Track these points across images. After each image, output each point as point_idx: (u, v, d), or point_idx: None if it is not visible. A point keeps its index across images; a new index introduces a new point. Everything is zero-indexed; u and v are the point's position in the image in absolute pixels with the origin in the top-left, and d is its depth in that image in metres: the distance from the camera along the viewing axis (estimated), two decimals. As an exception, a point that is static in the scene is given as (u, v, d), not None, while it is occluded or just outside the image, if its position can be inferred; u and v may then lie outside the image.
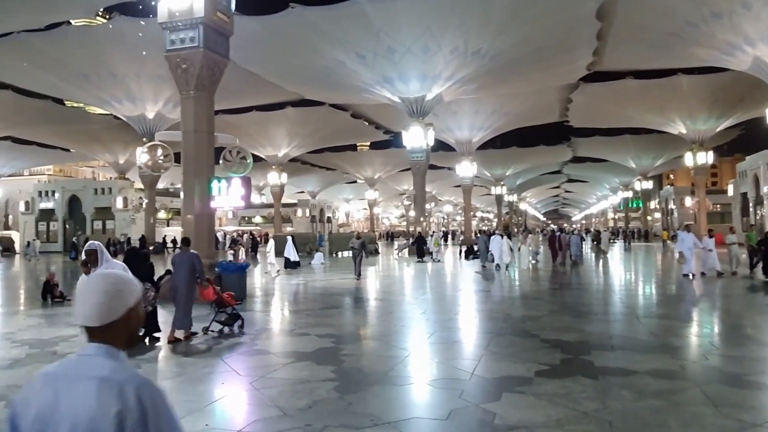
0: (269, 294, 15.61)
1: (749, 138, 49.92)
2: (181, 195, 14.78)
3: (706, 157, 42.09)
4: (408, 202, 67.57)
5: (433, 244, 29.67)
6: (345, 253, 35.06)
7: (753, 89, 30.83)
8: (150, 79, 32.67)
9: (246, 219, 71.20)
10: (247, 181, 13.81)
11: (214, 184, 13.72)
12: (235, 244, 31.48)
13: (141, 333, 8.48)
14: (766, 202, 39.12)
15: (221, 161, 14.93)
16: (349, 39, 27.54)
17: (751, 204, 42.65)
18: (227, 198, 13.72)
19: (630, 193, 76.10)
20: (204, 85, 14.17)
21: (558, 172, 76.27)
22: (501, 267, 21.57)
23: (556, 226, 69.27)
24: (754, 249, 18.35)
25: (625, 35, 27.13)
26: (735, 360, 7.33)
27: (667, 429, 4.97)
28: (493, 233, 24.83)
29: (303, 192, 76.44)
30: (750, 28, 22.86)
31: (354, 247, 19.74)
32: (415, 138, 34.20)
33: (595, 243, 32.75)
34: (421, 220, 37.85)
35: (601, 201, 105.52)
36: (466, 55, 28.51)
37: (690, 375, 6.69)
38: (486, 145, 50.43)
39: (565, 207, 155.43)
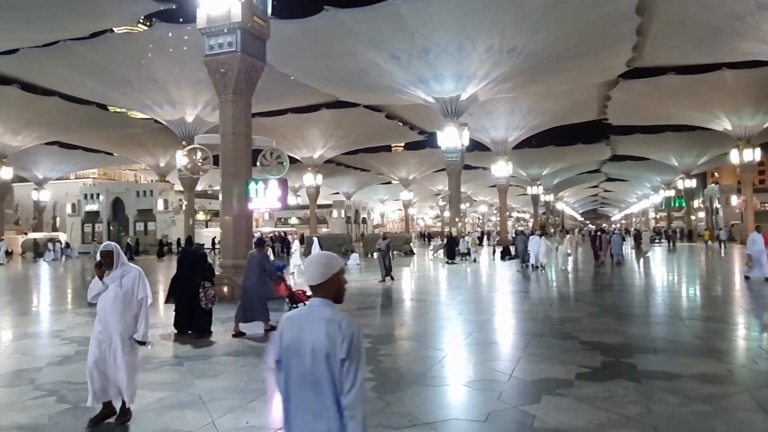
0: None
1: (799, 134, 47.90)
2: (220, 197, 15.07)
3: (753, 154, 40.69)
4: (443, 203, 67.24)
5: (470, 244, 29.64)
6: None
7: (803, 82, 29.68)
8: (189, 84, 33.46)
9: (282, 220, 72.06)
10: (283, 183, 13.99)
11: (252, 186, 13.94)
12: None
13: (196, 328, 9.39)
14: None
15: (258, 163, 15.16)
16: (383, 40, 27.62)
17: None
18: (264, 199, 13.91)
19: (672, 192, 74.02)
20: (242, 89, 14.42)
21: (596, 171, 74.80)
22: (539, 267, 21.39)
23: (594, 226, 67.92)
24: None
25: (666, 30, 26.45)
26: (787, 364, 7.05)
27: (715, 435, 4.82)
28: (532, 233, 24.58)
29: (338, 193, 76.99)
30: (800, 19, 22.03)
31: (380, 248, 18.61)
32: (450, 138, 34.06)
33: (636, 243, 32.00)
34: (456, 220, 37.64)
35: (642, 200, 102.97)
36: (501, 53, 28.24)
37: (738, 379, 6.47)
38: (522, 145, 49.87)
39: (603, 206, 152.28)
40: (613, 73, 33.26)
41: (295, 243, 25.81)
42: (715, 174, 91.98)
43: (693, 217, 70.90)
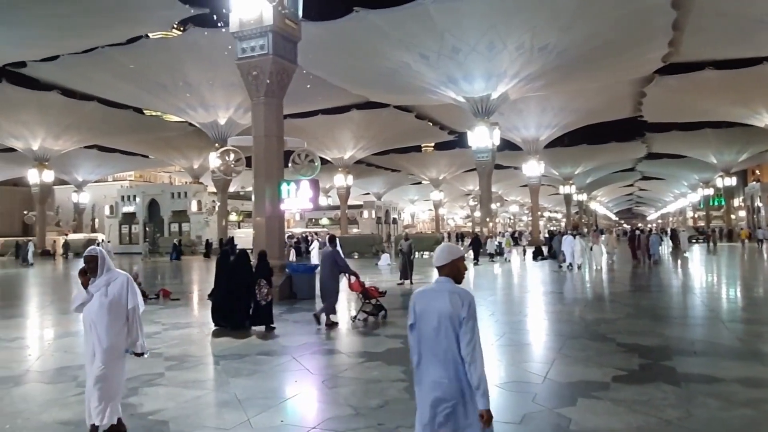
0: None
1: None
2: (252, 198, 15.26)
3: (797, 151, 39.28)
4: (473, 203, 66.79)
5: (505, 244, 29.56)
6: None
7: None
8: (222, 87, 34.05)
9: (313, 221, 72.61)
10: (315, 184, 14.09)
11: (284, 187, 14.08)
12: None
13: (254, 323, 9.94)
14: None
15: (290, 164, 15.31)
16: (413, 40, 27.60)
17: None
18: (296, 200, 14.04)
19: (711, 191, 71.95)
20: (274, 91, 14.58)
21: (631, 169, 73.26)
22: (573, 267, 21.13)
23: (629, 226, 66.50)
24: None
25: (703, 24, 25.77)
26: (835, 369, 6.79)
27: (760, 441, 4.67)
28: (567, 233, 24.31)
29: (368, 193, 77.20)
30: None
31: (402, 249, 17.95)
32: (481, 138, 33.83)
33: (673, 243, 31.23)
34: (487, 220, 37.36)
35: (679, 199, 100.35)
36: (533, 51, 27.92)
37: (784, 384, 6.26)
38: (554, 143, 49.21)
39: (639, 206, 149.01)
40: (649, 69, 32.55)
41: (314, 243, 26.21)
42: (756, 171, 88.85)
43: (733, 216, 68.79)
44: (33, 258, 32.81)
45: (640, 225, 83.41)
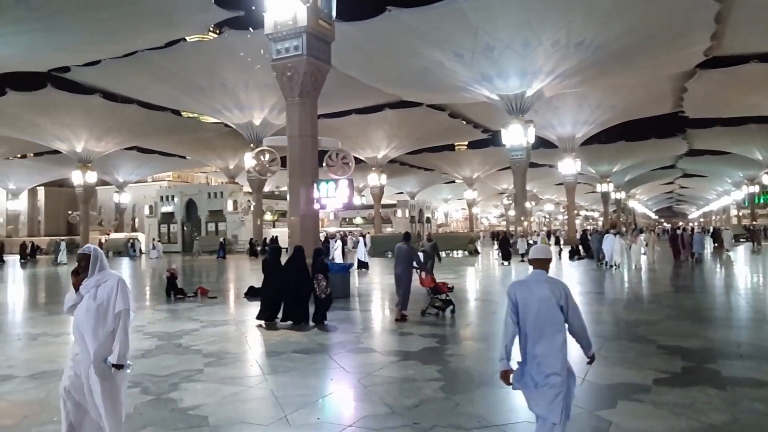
0: (370, 293, 15.89)
1: None
2: (287, 197, 15.42)
3: None
4: (507, 202, 66.07)
5: (541, 243, 29.17)
6: (443, 253, 34.97)
7: None
8: (256, 88, 34.53)
9: (347, 220, 72.97)
10: (349, 183, 14.15)
11: (319, 186, 14.18)
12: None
13: (312, 316, 10.36)
14: None
15: (324, 164, 15.40)
16: (446, 38, 27.45)
17: None
18: (331, 200, 14.13)
19: (756, 188, 69.46)
20: (308, 91, 14.70)
21: (672, 166, 71.29)
22: (614, 266, 20.76)
23: (669, 224, 64.73)
24: None
25: (748, 16, 24.94)
26: None
27: (812, 448, 4.49)
28: (607, 232, 23.92)
29: (402, 193, 77.19)
30: None
31: (425, 250, 17.10)
32: (515, 136, 33.44)
33: (716, 242, 30.29)
34: (522, 219, 36.91)
35: (722, 197, 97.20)
36: (569, 47, 27.44)
37: (837, 389, 6.00)
38: (590, 141, 48.28)
39: (680, 204, 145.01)
40: (690, 63, 31.62)
41: (337, 243, 26.49)
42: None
43: (780, 215, 66.30)
44: (66, 257, 33.74)
45: (681, 223, 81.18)
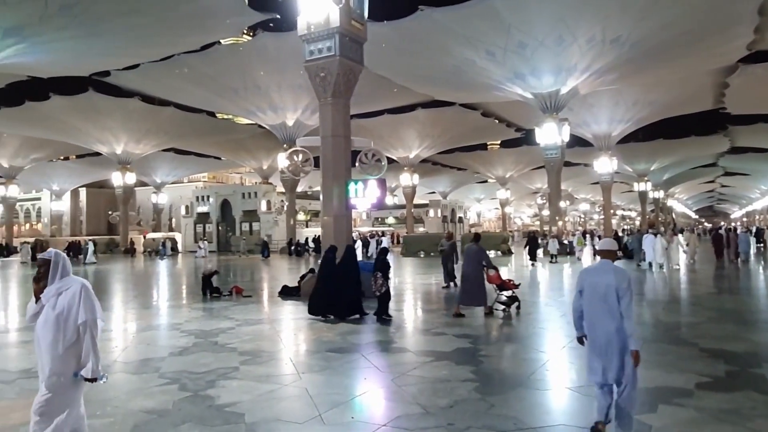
0: (402, 293, 15.88)
1: None
2: (320, 197, 15.52)
3: None
4: (541, 201, 65.19)
5: (576, 243, 28.82)
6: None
7: None
8: (289, 89, 34.90)
9: (379, 220, 73.09)
10: (382, 183, 14.16)
11: (351, 186, 14.24)
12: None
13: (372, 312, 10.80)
14: None
15: (357, 164, 15.46)
16: (478, 37, 27.24)
17: None
18: (363, 199, 14.16)
19: (802, 186, 66.92)
20: (341, 92, 14.76)
21: (712, 164, 69.11)
22: (654, 267, 20.31)
23: (710, 224, 62.84)
24: None
25: (794, 7, 23.97)
26: None
27: None
28: (647, 231, 23.45)
29: (434, 192, 76.94)
30: None
31: (444, 249, 16.66)
32: (549, 134, 32.97)
33: (760, 242, 29.30)
34: (556, 218, 36.36)
35: (767, 195, 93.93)
36: (604, 44, 26.91)
37: None
38: (627, 139, 47.20)
39: (721, 203, 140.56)
40: (732, 58, 30.62)
41: (357, 242, 26.65)
42: None
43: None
44: (95, 257, 34.53)
45: (722, 223, 78.74)
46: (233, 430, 4.99)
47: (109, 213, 62.93)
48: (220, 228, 52.34)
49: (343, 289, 11.18)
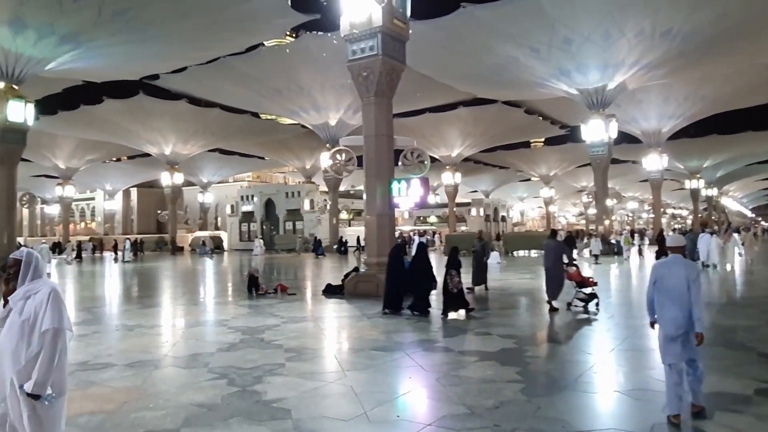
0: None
1: None
2: (364, 197, 15.60)
3: None
4: (587, 199, 63.71)
5: (624, 242, 28.11)
6: (521, 253, 34.28)
7: None
8: (332, 89, 35.19)
9: (421, 219, 72.91)
10: (424, 182, 14.15)
11: (394, 185, 14.27)
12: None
13: (445, 308, 11.16)
14: None
15: (400, 163, 15.47)
16: (522, 33, 26.83)
17: None
18: (406, 198, 14.17)
19: None
20: (383, 91, 14.81)
21: (770, 160, 66.14)
22: (709, 267, 19.62)
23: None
24: None
25: None
26: None
27: None
28: (702, 231, 22.65)
29: (476, 191, 76.27)
30: None
31: (475, 249, 15.81)
32: (596, 131, 32.18)
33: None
34: (603, 217, 35.47)
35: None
36: (654, 37, 26.08)
37: None
38: (678, 135, 45.63)
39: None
40: (790, 49, 29.21)
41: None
42: None
43: None
44: (130, 256, 35.48)
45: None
46: (280, 425, 5.07)
47: (159, 212, 64.91)
48: (264, 227, 53.24)
49: (419, 285, 11.60)
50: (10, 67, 23.47)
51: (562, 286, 11.59)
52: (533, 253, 34.01)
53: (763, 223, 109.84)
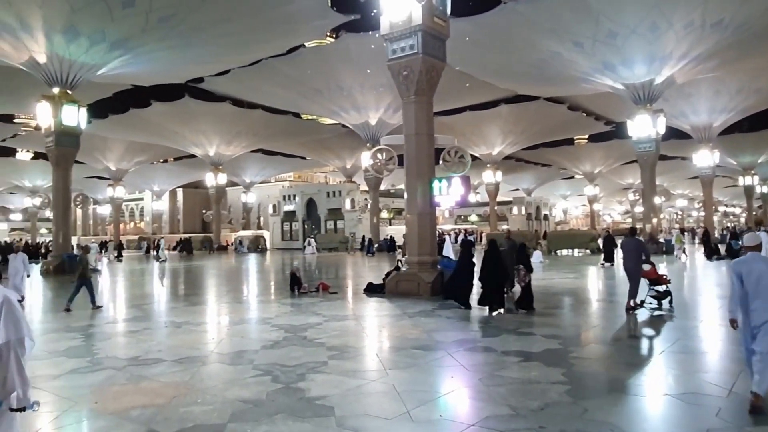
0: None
1: None
2: (405, 196, 15.60)
3: None
4: (634, 197, 62.02)
5: (675, 241, 27.32)
6: (563, 252, 33.64)
7: None
8: (372, 89, 35.32)
9: (462, 218, 72.43)
10: (466, 180, 14.05)
11: (435, 184, 14.21)
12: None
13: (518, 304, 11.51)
14: None
15: (441, 161, 15.41)
16: (564, 27, 26.29)
17: None
18: (447, 197, 14.10)
19: None
20: (423, 90, 14.77)
21: (830, 155, 62.88)
22: None
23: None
24: None
25: None
26: None
27: None
28: (760, 229, 21.75)
29: (518, 189, 75.28)
30: None
31: (504, 249, 14.67)
32: (642, 127, 31.27)
33: None
34: (651, 216, 34.45)
35: None
36: (704, 28, 25.15)
37: None
38: (730, 130, 43.89)
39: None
40: None
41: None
42: None
43: None
44: (165, 254, 36.13)
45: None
46: (324, 422, 5.11)
47: (204, 212, 66.52)
48: (306, 226, 53.89)
49: (489, 281, 11.71)
50: (64, 73, 24.51)
51: (638, 285, 11.41)
52: (577, 252, 33.34)
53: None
